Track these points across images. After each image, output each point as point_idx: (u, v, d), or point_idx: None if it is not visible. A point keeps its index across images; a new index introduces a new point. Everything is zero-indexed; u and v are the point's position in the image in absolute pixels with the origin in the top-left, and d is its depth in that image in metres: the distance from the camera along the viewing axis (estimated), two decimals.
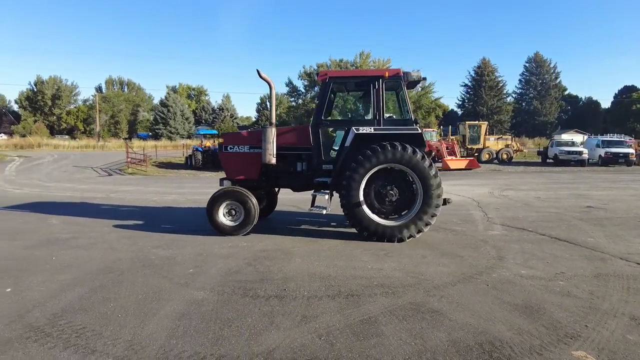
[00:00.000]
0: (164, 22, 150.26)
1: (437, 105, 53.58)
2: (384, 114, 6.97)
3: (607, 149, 27.05)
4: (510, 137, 34.82)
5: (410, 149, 6.57)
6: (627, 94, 70.22)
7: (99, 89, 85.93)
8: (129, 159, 25.81)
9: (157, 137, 64.14)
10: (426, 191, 6.63)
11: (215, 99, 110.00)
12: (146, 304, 4.18)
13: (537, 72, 72.83)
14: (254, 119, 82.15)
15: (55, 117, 78.29)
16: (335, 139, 7.91)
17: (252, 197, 7.14)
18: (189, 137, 60.89)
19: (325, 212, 7.05)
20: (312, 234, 7.46)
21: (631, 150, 27.29)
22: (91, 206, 11.08)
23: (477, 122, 32.29)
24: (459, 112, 73.35)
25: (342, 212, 6.90)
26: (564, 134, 52.13)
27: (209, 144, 27.66)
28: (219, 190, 7.24)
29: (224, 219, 7.18)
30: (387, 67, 46.49)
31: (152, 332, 3.55)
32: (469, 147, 29.55)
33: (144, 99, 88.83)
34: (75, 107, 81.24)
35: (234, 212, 7.22)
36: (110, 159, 31.24)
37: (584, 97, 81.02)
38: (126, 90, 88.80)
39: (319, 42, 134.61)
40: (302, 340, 3.42)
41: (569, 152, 27.02)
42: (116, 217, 9.09)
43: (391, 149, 6.57)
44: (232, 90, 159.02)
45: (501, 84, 70.37)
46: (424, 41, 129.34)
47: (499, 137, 32.70)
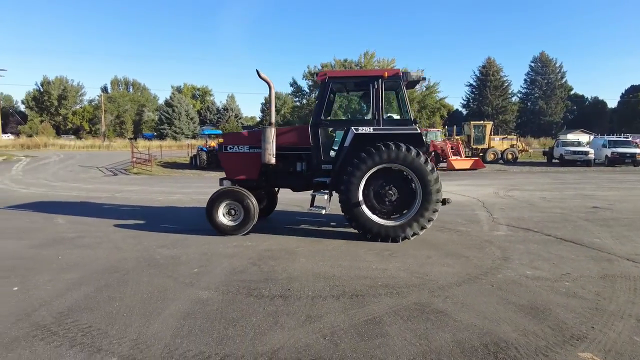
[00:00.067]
0: (168, 22, 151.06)
1: (442, 105, 53.46)
2: (383, 114, 6.96)
3: (614, 149, 26.82)
4: (515, 137, 34.61)
5: (409, 149, 6.57)
6: (634, 93, 69.68)
7: (104, 89, 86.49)
8: (134, 159, 25.91)
9: (162, 137, 64.46)
10: (425, 191, 6.62)
11: (219, 99, 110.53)
12: (151, 303, 4.20)
13: (543, 72, 72.46)
14: (259, 119, 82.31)
15: (61, 117, 78.89)
16: (335, 139, 7.91)
17: (252, 197, 7.16)
18: (194, 137, 61.06)
19: (324, 212, 7.05)
20: (316, 234, 7.47)
21: (638, 150, 26.99)
22: (97, 206, 11.15)
23: (482, 122, 32.12)
24: (464, 112, 73.15)
25: (341, 212, 6.90)
26: (570, 134, 51.80)
27: (213, 144, 27.66)
28: (218, 190, 7.26)
29: (224, 219, 7.20)
30: (391, 67, 46.45)
31: (157, 331, 3.57)
32: (474, 147, 29.40)
33: (149, 99, 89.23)
34: (81, 107, 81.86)
35: (233, 211, 7.23)
36: (115, 158, 31.42)
37: (590, 97, 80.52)
38: (131, 90, 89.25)
39: (323, 42, 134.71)
40: (307, 340, 3.42)
41: (574, 152, 26.81)
42: (121, 217, 9.14)
43: (390, 148, 6.57)
44: (237, 90, 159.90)
45: (506, 84, 70.11)
46: (429, 41, 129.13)
47: (504, 137, 32.53)
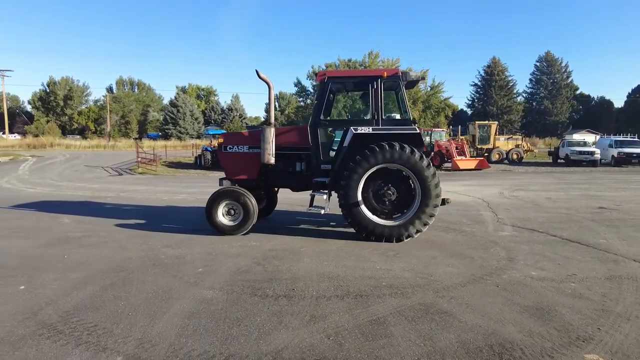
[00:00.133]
0: (173, 23, 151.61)
1: (447, 105, 53.19)
2: (382, 114, 6.96)
3: (620, 149, 26.60)
4: (520, 137, 34.45)
5: (408, 149, 6.56)
6: None
7: (109, 90, 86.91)
8: (139, 159, 26.04)
9: (166, 137, 64.75)
10: (424, 191, 6.61)
11: (224, 100, 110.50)
12: (156, 303, 4.22)
13: (548, 72, 72.03)
14: (263, 119, 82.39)
15: (67, 117, 79.46)
16: (334, 139, 7.91)
17: (251, 197, 7.17)
18: (199, 137, 61.31)
19: (323, 212, 7.06)
20: (319, 234, 7.47)
21: None
22: (102, 205, 11.21)
23: (487, 122, 31.99)
24: (469, 111, 72.89)
25: (340, 212, 6.90)
26: (576, 134, 51.42)
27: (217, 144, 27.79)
28: (217, 190, 7.28)
29: (223, 219, 7.22)
30: (396, 67, 46.36)
31: (162, 331, 3.58)
32: (479, 147, 29.27)
33: (154, 99, 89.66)
34: (86, 108, 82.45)
35: (232, 211, 7.25)
36: (120, 158, 31.60)
37: (596, 97, 79.90)
38: (136, 90, 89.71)
39: (327, 43, 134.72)
40: (311, 340, 3.42)
41: (580, 152, 26.64)
42: (126, 217, 9.19)
43: (389, 148, 6.56)
44: (241, 90, 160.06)
45: (511, 84, 69.80)
46: (433, 41, 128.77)
47: (509, 137, 32.36)
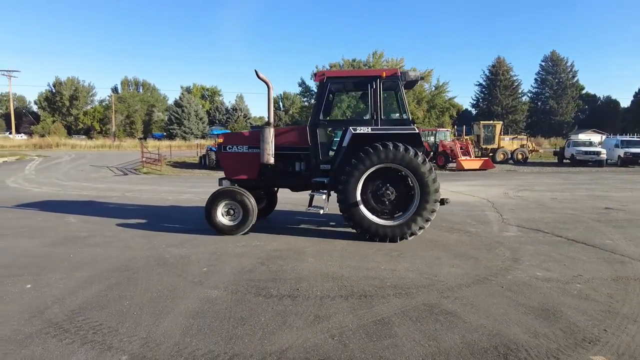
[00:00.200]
0: (177, 23, 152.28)
1: (451, 104, 53.05)
2: (381, 113, 6.96)
3: (627, 149, 26.41)
4: (525, 137, 34.24)
5: (407, 149, 6.56)
6: None
7: (114, 90, 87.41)
8: (144, 159, 26.13)
9: (171, 137, 65.00)
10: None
11: (228, 100, 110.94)
12: (161, 302, 4.24)
13: (554, 71, 71.60)
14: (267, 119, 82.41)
15: (72, 118, 79.96)
16: (334, 138, 7.90)
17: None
18: (203, 137, 61.39)
19: (322, 212, 7.07)
20: (323, 234, 7.47)
21: None
22: (107, 205, 11.28)
23: (491, 121, 31.85)
24: (473, 111, 72.57)
25: (339, 212, 6.91)
26: (581, 134, 51.11)
27: None
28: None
29: (223, 219, 7.25)
30: (400, 67, 46.26)
31: (166, 330, 3.60)
32: (484, 147, 29.13)
33: (159, 99, 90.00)
34: (91, 108, 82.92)
35: (232, 211, 7.27)
36: (125, 158, 31.77)
37: (602, 96, 79.39)
38: (141, 90, 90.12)
39: (332, 43, 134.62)
40: (315, 340, 3.42)
41: (586, 153, 26.45)
42: (131, 216, 9.23)
43: (388, 148, 6.56)
44: (246, 90, 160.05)
45: (516, 83, 69.43)
46: (438, 40, 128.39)
47: (514, 137, 32.19)
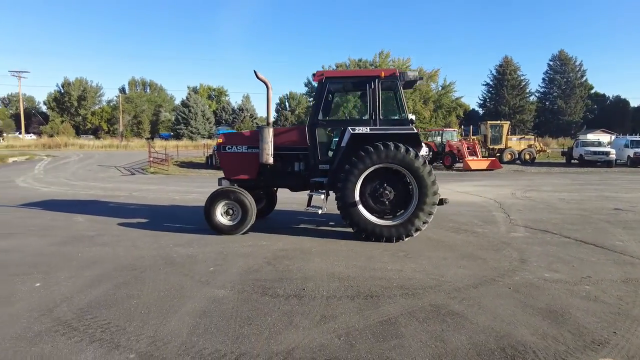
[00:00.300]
0: (185, 24, 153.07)
1: (458, 104, 52.88)
2: (380, 113, 6.95)
3: (636, 150, 26.09)
4: (533, 137, 33.99)
5: (405, 149, 6.55)
6: None
7: (122, 90, 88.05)
8: (151, 159, 26.28)
9: (178, 137, 65.34)
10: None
11: (235, 100, 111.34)
12: (168, 301, 4.26)
13: (562, 71, 70.92)
14: (273, 119, 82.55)
15: (80, 118, 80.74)
16: (333, 138, 7.88)
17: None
18: (210, 137, 61.72)
19: (320, 212, 7.07)
20: (330, 234, 7.47)
21: None
22: (115, 205, 11.37)
23: (499, 121, 31.62)
24: (481, 111, 72.16)
25: (338, 212, 6.91)
26: (590, 134, 50.57)
27: None
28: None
29: (222, 219, 7.28)
30: (407, 67, 46.14)
31: (174, 329, 3.62)
32: (491, 147, 28.94)
33: (166, 99, 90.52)
34: (99, 108, 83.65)
35: (231, 211, 7.30)
36: (133, 158, 31.99)
37: (611, 96, 78.51)
38: (148, 91, 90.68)
39: (338, 43, 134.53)
40: (322, 340, 3.42)
41: (595, 153, 26.19)
42: (138, 216, 9.30)
43: (386, 148, 6.56)
44: (252, 90, 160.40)
45: (524, 83, 68.92)
46: (445, 40, 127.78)
47: (521, 137, 31.95)
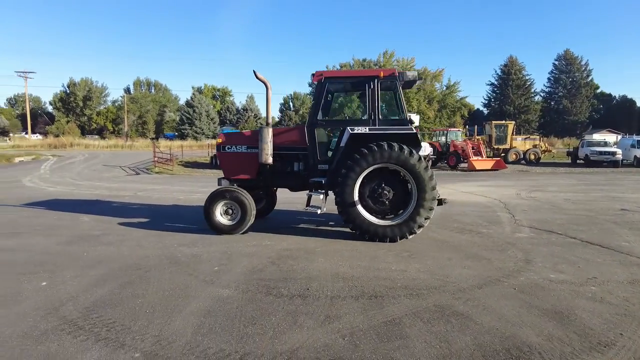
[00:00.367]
0: (190, 24, 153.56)
1: (463, 104, 52.68)
2: (379, 114, 6.95)
3: None
4: (538, 137, 33.83)
5: (404, 149, 6.55)
6: None
7: (127, 90, 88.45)
8: (156, 159, 26.39)
9: (183, 137, 65.59)
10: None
11: (239, 100, 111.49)
12: (173, 301, 4.28)
13: (567, 70, 70.49)
14: (277, 119, 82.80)
15: (86, 118, 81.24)
16: (333, 139, 7.88)
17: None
18: (214, 137, 61.83)
19: (319, 211, 7.07)
20: (334, 234, 7.46)
21: None
22: (120, 204, 11.42)
23: (503, 121, 31.48)
24: (485, 111, 71.90)
25: (337, 212, 6.91)
26: (596, 134, 50.24)
27: None
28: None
29: (221, 218, 7.30)
30: (411, 67, 46.03)
31: (178, 328, 3.63)
32: (496, 147, 28.80)
33: (171, 99, 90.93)
34: (104, 108, 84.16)
35: (230, 211, 7.32)
36: (137, 158, 32.12)
37: (617, 96, 77.92)
38: (153, 91, 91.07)
39: (342, 43, 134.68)
40: (326, 340, 3.42)
41: (601, 153, 26.00)
42: (143, 215, 9.34)
43: (385, 149, 6.56)
44: (256, 91, 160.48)
45: (529, 83, 68.60)
46: (450, 40, 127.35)
47: (526, 137, 31.82)
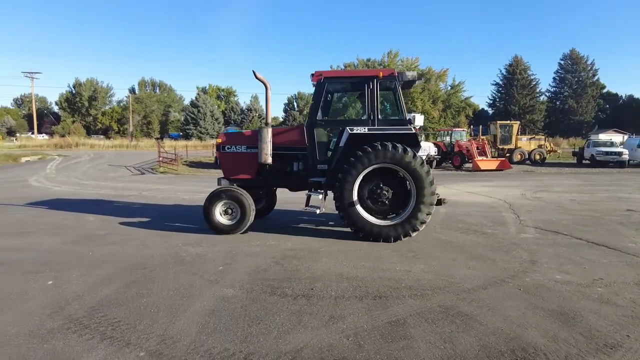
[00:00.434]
0: (194, 25, 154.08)
1: (467, 104, 52.48)
2: (378, 114, 6.95)
3: None
4: (543, 137, 33.62)
5: (403, 149, 6.54)
6: None
7: (132, 91, 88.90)
8: (161, 159, 26.51)
9: (187, 137, 65.79)
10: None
11: (243, 100, 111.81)
12: (177, 300, 4.29)
13: (573, 70, 69.93)
14: (281, 119, 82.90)
15: (91, 118, 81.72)
16: (332, 139, 7.88)
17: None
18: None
19: (318, 211, 7.08)
20: (338, 234, 7.45)
21: None
22: (125, 204, 11.48)
23: (508, 121, 31.34)
24: (490, 111, 71.51)
25: (336, 212, 6.92)
26: (602, 134, 49.83)
27: None
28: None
29: (221, 218, 7.32)
30: (415, 67, 45.91)
31: (183, 328, 3.64)
32: (500, 147, 28.66)
33: (175, 99, 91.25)
34: (110, 108, 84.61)
35: (230, 210, 7.34)
36: (142, 158, 32.27)
37: (624, 95, 77.29)
38: (158, 91, 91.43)
39: (346, 43, 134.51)
40: (330, 340, 3.42)
41: (607, 153, 25.79)
42: (148, 215, 9.39)
43: (384, 149, 6.56)
44: (260, 91, 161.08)
45: (534, 83, 68.14)
46: (454, 39, 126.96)
47: (531, 137, 31.61)
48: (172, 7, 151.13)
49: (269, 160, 7.28)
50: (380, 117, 7.00)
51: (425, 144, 26.09)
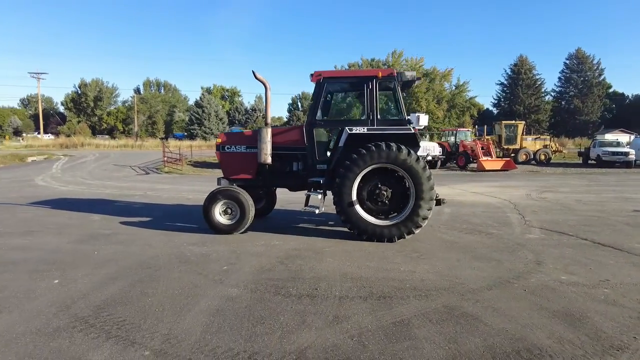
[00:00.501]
0: (197, 25, 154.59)
1: (472, 104, 52.24)
2: (377, 114, 6.94)
3: None
4: (548, 137, 33.45)
5: (402, 149, 6.54)
6: None
7: (137, 91, 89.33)
8: (166, 158, 26.58)
9: (192, 137, 66.01)
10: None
11: (248, 100, 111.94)
12: (182, 299, 4.31)
13: (579, 69, 69.43)
14: (286, 119, 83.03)
15: (96, 118, 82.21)
16: (332, 139, 7.87)
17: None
18: None
19: (317, 211, 7.07)
20: (342, 234, 7.45)
21: None
22: (130, 204, 11.54)
23: (513, 121, 31.17)
24: (495, 111, 71.18)
25: (335, 212, 6.91)
26: (608, 134, 49.52)
27: None
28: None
29: (221, 218, 7.33)
30: (419, 66, 45.78)
31: (187, 327, 3.65)
32: (505, 147, 28.54)
33: (180, 100, 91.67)
34: (115, 108, 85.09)
35: (230, 210, 7.36)
36: (147, 158, 32.40)
37: (630, 95, 76.71)
38: (163, 91, 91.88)
39: (351, 42, 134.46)
40: (334, 340, 3.42)
41: (613, 153, 25.62)
42: (153, 215, 9.43)
43: (378, 149, 6.56)
44: (263, 91, 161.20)
45: (539, 82, 67.71)
46: (459, 39, 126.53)
47: (536, 137, 31.46)
48: (175, 8, 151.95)
49: (269, 160, 7.29)
50: (379, 117, 7.00)
51: (429, 144, 26.05)
